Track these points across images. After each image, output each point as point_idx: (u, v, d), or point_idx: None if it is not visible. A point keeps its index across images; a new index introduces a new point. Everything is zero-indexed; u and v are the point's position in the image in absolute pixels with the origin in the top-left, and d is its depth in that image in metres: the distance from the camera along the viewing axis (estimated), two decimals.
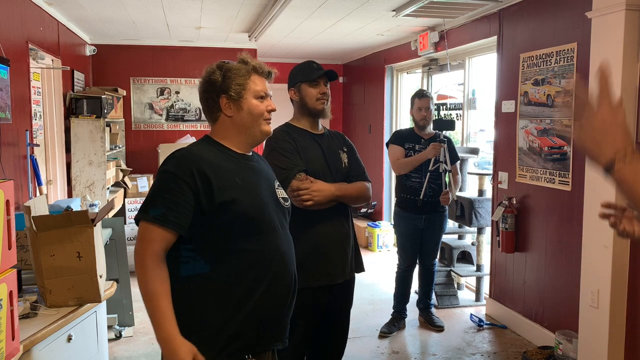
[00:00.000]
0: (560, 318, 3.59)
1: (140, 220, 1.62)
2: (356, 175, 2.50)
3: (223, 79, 1.71)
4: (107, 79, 6.32)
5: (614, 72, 2.84)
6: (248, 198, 1.66)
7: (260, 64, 1.76)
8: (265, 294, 1.66)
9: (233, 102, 1.71)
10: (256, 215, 1.67)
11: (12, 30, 3.62)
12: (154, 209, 1.58)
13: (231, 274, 1.63)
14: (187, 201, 1.59)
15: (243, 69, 1.73)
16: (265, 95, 1.75)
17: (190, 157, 1.65)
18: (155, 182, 1.66)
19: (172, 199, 1.58)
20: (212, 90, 1.73)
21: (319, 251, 2.35)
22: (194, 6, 4.57)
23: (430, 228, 3.98)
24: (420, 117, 3.95)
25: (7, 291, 1.68)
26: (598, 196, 2.98)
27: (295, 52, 6.95)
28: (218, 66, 1.74)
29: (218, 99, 1.72)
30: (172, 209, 1.57)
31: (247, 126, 1.73)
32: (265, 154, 2.41)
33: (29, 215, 2.12)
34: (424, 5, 4.10)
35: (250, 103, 1.72)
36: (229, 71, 1.72)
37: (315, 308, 2.40)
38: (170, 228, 1.57)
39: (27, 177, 3.79)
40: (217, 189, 1.61)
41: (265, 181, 1.79)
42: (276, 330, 1.73)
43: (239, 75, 1.71)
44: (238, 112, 1.72)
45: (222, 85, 1.71)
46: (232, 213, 1.62)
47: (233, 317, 1.62)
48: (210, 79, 1.73)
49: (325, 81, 2.43)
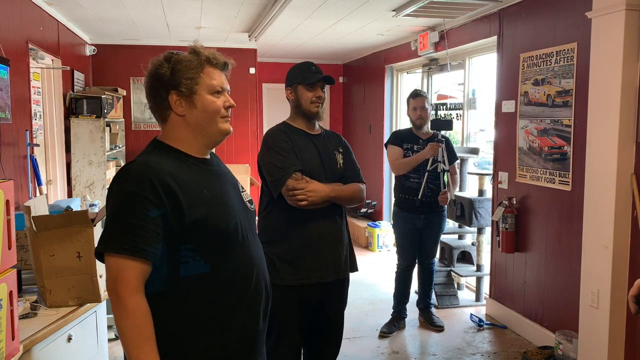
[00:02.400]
0: (560, 318, 3.59)
1: (104, 253, 1.38)
2: (351, 177, 2.51)
3: (172, 72, 1.50)
4: (107, 79, 6.32)
5: (614, 72, 2.84)
6: (219, 212, 1.49)
7: (214, 54, 1.56)
8: (246, 312, 1.54)
9: (184, 99, 1.50)
10: (230, 230, 1.50)
11: (12, 30, 3.62)
12: (121, 237, 1.36)
13: (208, 295, 1.47)
14: (157, 224, 1.38)
15: (195, 60, 1.52)
16: (222, 90, 1.55)
17: (149, 170, 1.41)
18: (113, 205, 1.41)
19: (140, 223, 1.36)
20: (159, 85, 1.51)
21: (312, 249, 2.37)
22: (194, 6, 4.57)
23: (429, 228, 3.98)
24: (416, 116, 3.95)
25: (7, 291, 1.68)
26: (598, 196, 2.98)
27: (295, 52, 6.96)
28: (166, 58, 1.53)
29: (167, 96, 1.50)
30: (142, 234, 1.35)
31: (203, 126, 1.52)
32: (262, 152, 2.42)
33: (29, 215, 2.12)
34: (424, 5, 4.10)
35: (204, 99, 1.51)
36: (179, 63, 1.50)
37: (307, 305, 2.41)
38: (145, 258, 1.36)
39: (27, 177, 3.79)
40: (186, 206, 1.41)
41: (231, 186, 1.62)
42: (257, 347, 1.61)
43: (190, 68, 1.50)
44: (191, 110, 1.51)
45: (171, 80, 1.49)
46: (205, 231, 1.44)
47: (216, 340, 1.49)
48: (156, 72, 1.51)
49: (322, 85, 2.44)
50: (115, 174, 1.47)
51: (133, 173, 1.42)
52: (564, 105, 3.51)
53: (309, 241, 2.36)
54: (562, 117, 3.53)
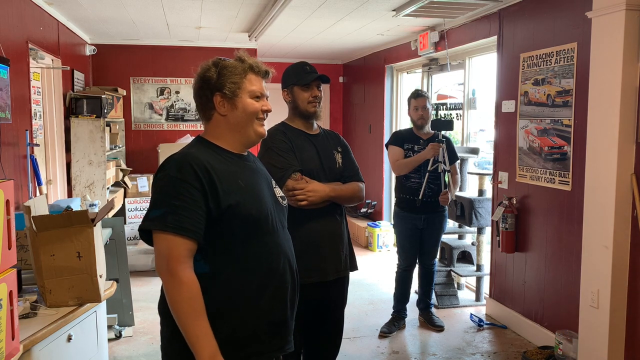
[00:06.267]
0: (560, 318, 3.59)
1: (152, 230, 1.51)
2: (350, 176, 2.52)
3: (218, 76, 1.65)
4: (107, 79, 6.33)
5: (614, 72, 2.84)
6: (252, 200, 1.62)
7: (257, 63, 1.70)
8: (273, 297, 1.63)
9: (227, 101, 1.65)
10: (261, 218, 1.62)
11: (12, 30, 3.62)
12: (166, 217, 1.48)
13: (237, 277, 1.58)
14: (200, 206, 1.51)
15: (239, 67, 1.67)
16: (262, 96, 1.70)
17: (192, 159, 1.56)
18: (159, 188, 1.56)
19: (184, 206, 1.49)
20: (206, 87, 1.66)
21: (312, 248, 2.37)
22: (194, 6, 4.57)
23: (429, 228, 3.98)
24: (418, 116, 3.95)
25: (7, 291, 1.68)
26: (598, 196, 2.98)
27: (295, 52, 6.95)
28: (214, 63, 1.68)
29: (212, 97, 1.66)
30: (185, 215, 1.49)
31: (242, 125, 1.67)
32: (261, 153, 2.43)
33: (29, 215, 2.12)
34: (424, 5, 4.10)
35: (245, 102, 1.66)
36: (225, 69, 1.66)
37: (307, 304, 2.41)
38: (191, 237, 1.49)
39: (27, 177, 3.79)
40: (222, 192, 1.55)
41: (265, 181, 1.75)
42: (286, 332, 1.70)
43: (234, 74, 1.65)
44: (232, 111, 1.66)
45: (217, 83, 1.65)
46: (238, 217, 1.57)
47: (244, 321, 1.58)
48: (205, 75, 1.67)
49: (318, 84, 2.44)
50: (160, 164, 1.61)
51: (175, 161, 1.57)
52: (564, 105, 3.51)
53: (309, 241, 2.36)
54: (562, 117, 3.53)
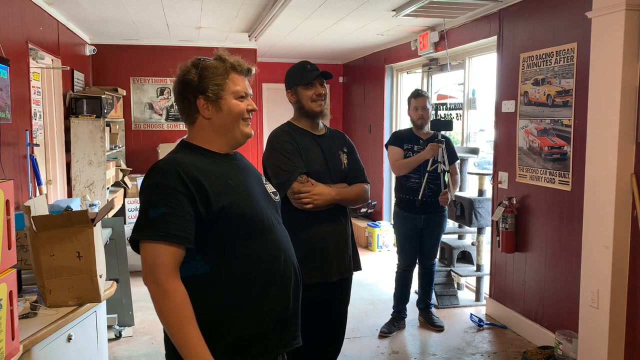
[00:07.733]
0: (560, 318, 3.59)
1: (139, 240, 1.48)
2: (355, 177, 2.51)
3: (199, 78, 1.58)
4: (107, 79, 6.32)
5: (614, 72, 2.84)
6: (244, 199, 1.59)
7: (239, 61, 1.64)
8: (277, 293, 1.61)
9: (211, 104, 1.59)
10: (255, 216, 1.60)
11: (12, 30, 3.62)
12: (153, 225, 1.45)
13: (239, 277, 1.56)
14: (187, 212, 1.48)
15: (221, 67, 1.60)
16: (246, 95, 1.64)
17: (178, 165, 1.52)
18: (144, 198, 1.51)
19: (172, 212, 1.46)
20: (187, 90, 1.60)
21: (317, 249, 2.37)
22: (194, 6, 4.57)
23: (429, 228, 3.98)
24: (418, 116, 3.95)
25: (7, 291, 1.68)
26: (598, 196, 2.98)
27: (295, 52, 6.95)
28: (193, 64, 1.61)
29: (195, 100, 1.60)
30: (173, 222, 1.45)
31: (228, 128, 1.63)
32: (267, 154, 2.42)
33: (28, 215, 2.12)
34: (424, 5, 4.10)
35: (229, 103, 1.61)
36: (206, 70, 1.59)
37: (310, 305, 2.40)
38: (179, 243, 1.46)
39: (27, 177, 3.79)
40: (212, 194, 1.51)
41: (254, 178, 1.72)
42: (294, 327, 1.68)
43: (216, 75, 1.59)
44: (217, 113, 1.60)
45: (199, 86, 1.58)
46: (232, 217, 1.54)
47: (251, 321, 1.57)
48: (185, 78, 1.60)
49: (321, 81, 2.43)
50: (146, 171, 1.57)
51: (161, 168, 1.53)
52: (564, 105, 3.51)
53: (313, 242, 2.36)
54: (562, 117, 3.53)
